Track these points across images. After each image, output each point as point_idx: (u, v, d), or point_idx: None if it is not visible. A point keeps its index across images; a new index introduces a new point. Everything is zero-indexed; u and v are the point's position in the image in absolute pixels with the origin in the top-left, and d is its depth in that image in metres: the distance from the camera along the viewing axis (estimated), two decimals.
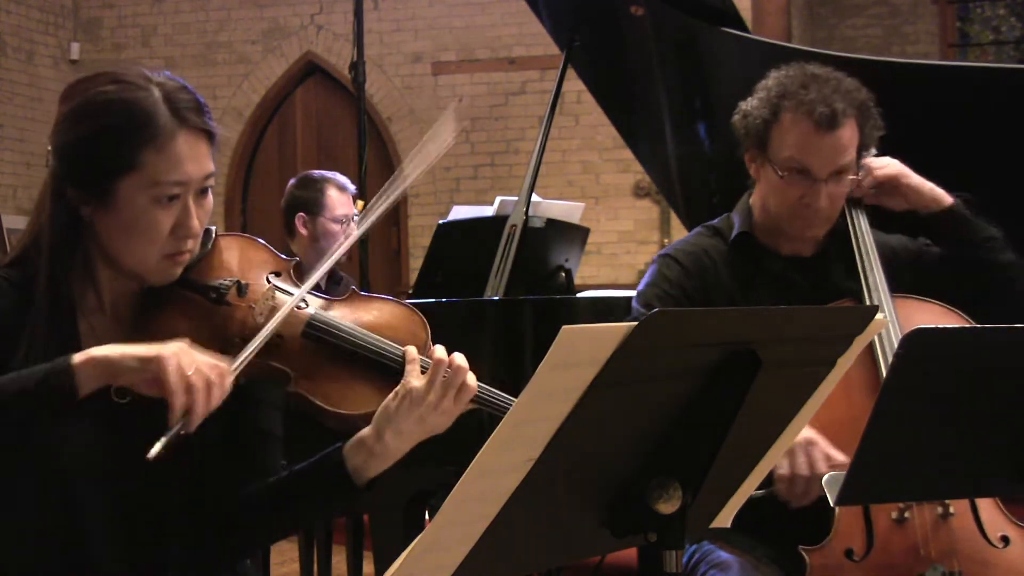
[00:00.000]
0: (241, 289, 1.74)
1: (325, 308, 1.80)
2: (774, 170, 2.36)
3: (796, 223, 2.39)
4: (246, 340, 1.68)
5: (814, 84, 2.34)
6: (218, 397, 1.57)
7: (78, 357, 1.55)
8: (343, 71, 7.30)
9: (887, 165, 2.45)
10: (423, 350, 1.77)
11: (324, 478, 1.75)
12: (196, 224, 1.70)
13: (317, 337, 1.74)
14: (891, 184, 2.44)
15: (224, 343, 1.70)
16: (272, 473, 1.84)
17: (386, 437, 1.70)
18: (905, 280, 2.43)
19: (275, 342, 1.69)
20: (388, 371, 1.73)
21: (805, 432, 2.07)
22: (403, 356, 1.74)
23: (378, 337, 1.77)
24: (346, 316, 1.79)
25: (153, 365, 1.54)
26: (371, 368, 1.74)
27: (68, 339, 1.67)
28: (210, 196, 1.74)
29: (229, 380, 1.59)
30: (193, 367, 1.55)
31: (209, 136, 1.71)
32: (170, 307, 1.74)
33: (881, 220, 2.52)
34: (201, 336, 1.69)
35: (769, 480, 2.07)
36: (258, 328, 1.70)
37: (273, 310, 1.72)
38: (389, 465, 1.74)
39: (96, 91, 1.68)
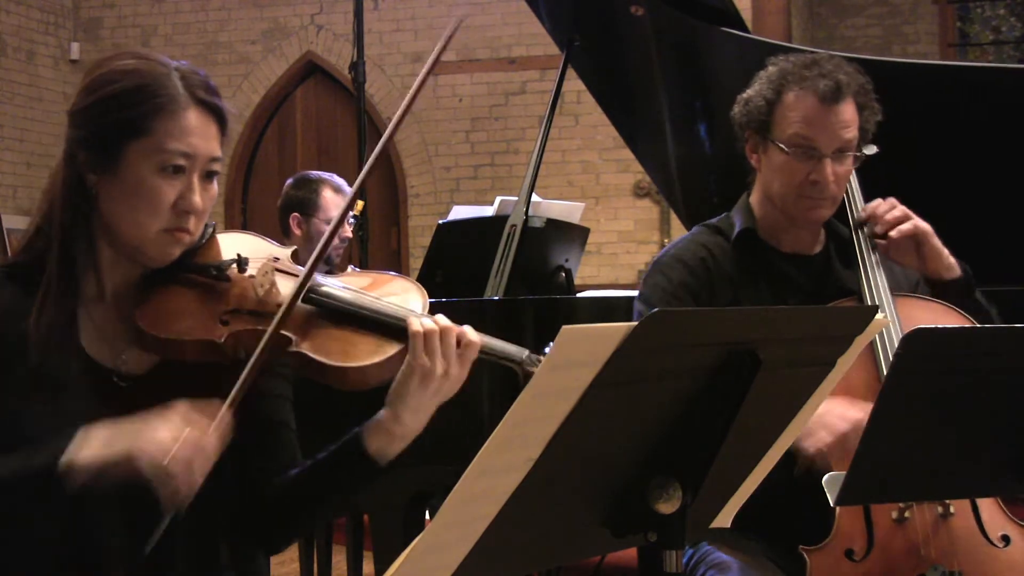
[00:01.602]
0: (241, 263, 1.76)
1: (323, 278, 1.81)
2: (779, 149, 2.36)
3: (802, 203, 2.38)
4: (247, 313, 1.71)
5: (815, 65, 2.37)
6: (202, 469, 1.56)
7: (63, 464, 1.56)
8: (343, 71, 7.31)
9: (918, 220, 2.39)
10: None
11: (346, 463, 1.75)
12: (198, 201, 1.71)
13: (317, 301, 1.74)
14: (916, 240, 2.38)
15: (225, 317, 1.72)
16: (292, 465, 1.84)
17: (404, 417, 1.70)
18: None
19: (275, 311, 1.69)
20: (387, 328, 1.72)
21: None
22: (403, 318, 1.71)
23: (375, 296, 1.76)
24: (346, 283, 1.80)
25: (129, 465, 1.54)
26: (370, 326, 1.73)
27: (65, 326, 1.69)
28: (215, 184, 1.76)
29: (212, 440, 1.57)
30: (167, 454, 1.53)
31: (220, 120, 1.75)
32: (172, 286, 1.76)
33: None
34: (202, 311, 1.72)
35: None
36: (258, 302, 1.72)
37: (273, 285, 1.74)
38: (410, 442, 1.74)
39: (117, 63, 1.74)
